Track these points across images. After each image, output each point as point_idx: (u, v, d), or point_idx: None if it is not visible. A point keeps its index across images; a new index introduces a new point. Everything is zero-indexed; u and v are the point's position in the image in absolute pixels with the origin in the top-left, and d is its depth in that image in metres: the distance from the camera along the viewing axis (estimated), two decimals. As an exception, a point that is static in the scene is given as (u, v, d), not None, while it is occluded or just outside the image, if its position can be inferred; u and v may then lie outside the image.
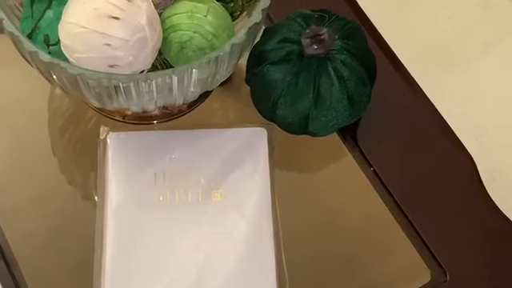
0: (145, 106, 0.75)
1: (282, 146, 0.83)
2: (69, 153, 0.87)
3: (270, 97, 0.80)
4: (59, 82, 0.73)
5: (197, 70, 0.70)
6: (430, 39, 1.52)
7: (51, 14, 0.72)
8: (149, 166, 0.80)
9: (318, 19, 0.80)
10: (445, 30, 1.54)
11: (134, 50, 0.69)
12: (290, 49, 0.79)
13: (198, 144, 0.82)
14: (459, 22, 1.56)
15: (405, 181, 0.84)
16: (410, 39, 1.44)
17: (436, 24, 1.55)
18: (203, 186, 0.79)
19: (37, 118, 0.87)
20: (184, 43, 0.72)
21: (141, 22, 0.68)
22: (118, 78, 0.69)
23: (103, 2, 0.67)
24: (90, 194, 0.82)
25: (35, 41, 0.72)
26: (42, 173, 0.85)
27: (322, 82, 0.78)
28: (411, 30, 1.50)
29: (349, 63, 0.78)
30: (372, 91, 0.82)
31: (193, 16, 0.72)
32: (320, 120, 0.79)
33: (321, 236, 0.81)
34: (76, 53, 0.69)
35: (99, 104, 0.75)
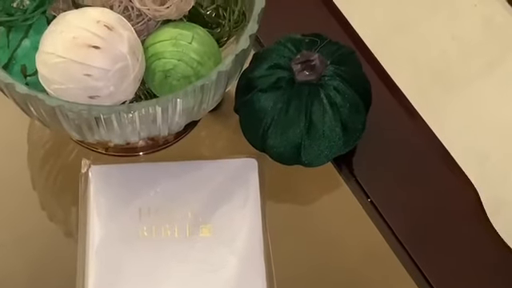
0: (127, 137, 0.75)
1: (273, 177, 0.84)
2: (49, 187, 0.87)
3: (260, 126, 0.80)
4: (37, 114, 0.73)
5: (182, 99, 0.71)
6: (430, 61, 1.53)
7: (28, 43, 0.72)
8: (133, 200, 0.80)
9: (309, 44, 0.81)
10: (446, 50, 1.55)
11: (115, 80, 0.69)
12: (280, 75, 0.79)
13: (185, 176, 0.82)
14: (461, 42, 1.57)
15: (404, 213, 0.84)
16: (409, 61, 1.45)
17: (436, 45, 1.56)
18: (190, 221, 0.79)
19: (15, 150, 0.88)
20: (168, 72, 0.73)
21: (122, 50, 0.69)
22: (99, 109, 0.69)
23: (82, 30, 0.68)
24: (71, 230, 0.82)
25: (11, 71, 0.72)
26: (21, 208, 0.85)
27: (314, 110, 0.78)
28: (410, 51, 1.51)
29: (342, 89, 0.79)
30: (367, 118, 0.82)
31: (177, 43, 0.72)
32: (313, 149, 0.80)
33: (316, 272, 0.81)
34: (54, 84, 0.69)
35: (79, 137, 0.76)
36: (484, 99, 1.50)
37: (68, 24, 0.69)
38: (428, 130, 0.90)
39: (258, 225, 0.80)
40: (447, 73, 1.53)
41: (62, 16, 0.70)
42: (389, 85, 0.91)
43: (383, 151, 0.87)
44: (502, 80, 1.53)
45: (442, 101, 1.46)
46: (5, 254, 0.81)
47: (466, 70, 1.53)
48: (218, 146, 0.90)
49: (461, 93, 1.50)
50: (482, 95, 1.51)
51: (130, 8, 0.75)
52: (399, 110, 0.91)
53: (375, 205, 0.84)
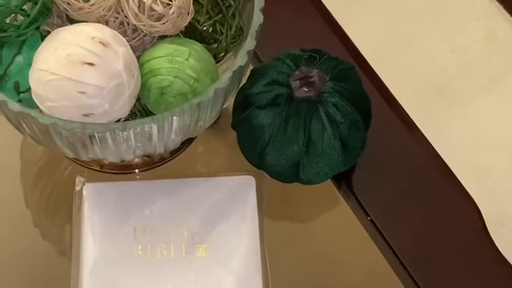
0: (122, 155, 0.76)
1: (271, 195, 0.84)
2: (42, 205, 0.87)
3: (258, 143, 0.80)
4: (30, 131, 0.73)
5: (178, 117, 0.71)
6: (431, 75, 1.54)
7: (21, 59, 0.72)
8: (128, 219, 0.80)
9: (308, 60, 0.82)
10: (446, 65, 1.56)
11: (110, 98, 0.69)
12: (279, 92, 0.79)
13: (181, 194, 0.82)
14: (462, 57, 1.57)
15: (404, 231, 0.84)
16: (409, 76, 1.46)
17: (438, 59, 1.57)
18: (186, 240, 0.80)
19: (7, 167, 0.88)
20: (164, 88, 0.73)
21: (117, 67, 0.69)
22: (93, 127, 0.69)
23: (76, 47, 0.68)
24: (64, 250, 0.82)
25: (4, 88, 0.72)
26: (13, 226, 0.85)
27: (313, 127, 0.78)
28: (410, 66, 1.52)
29: (341, 106, 0.79)
30: (367, 135, 0.82)
31: (173, 60, 0.73)
32: (312, 167, 0.80)
33: (315, 292, 0.81)
34: (48, 101, 0.69)
35: (73, 154, 0.76)
36: (485, 115, 1.51)
37: (62, 40, 0.69)
38: (429, 147, 0.90)
39: (255, 244, 0.80)
40: (448, 88, 1.53)
41: (56, 32, 0.70)
42: (389, 100, 0.92)
43: (383, 168, 0.87)
44: (505, 95, 1.54)
45: (443, 116, 1.47)
46: (-3, 274, 0.81)
47: (468, 85, 1.54)
48: (215, 162, 0.91)
49: (462, 108, 1.51)
50: (484, 111, 1.52)
51: (125, 23, 0.75)
52: (400, 126, 0.91)
53: (375, 223, 0.84)
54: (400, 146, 0.89)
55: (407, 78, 0.97)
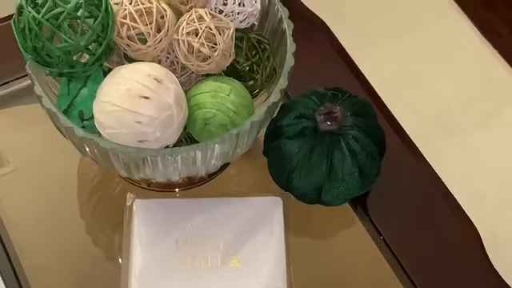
0: (169, 176, 0.77)
1: (296, 214, 0.84)
2: (95, 216, 0.88)
3: (286, 168, 0.81)
4: (91, 153, 0.74)
5: (219, 145, 0.72)
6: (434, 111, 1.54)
7: (86, 91, 0.73)
8: (171, 232, 0.80)
9: (332, 97, 0.82)
10: (448, 102, 1.56)
11: (162, 127, 0.70)
12: (305, 124, 0.80)
13: (218, 212, 0.82)
14: (461, 95, 1.57)
15: (412, 249, 0.84)
16: (415, 111, 1.46)
17: (439, 96, 1.57)
18: (222, 252, 0.80)
19: (67, 183, 0.88)
20: (207, 120, 0.74)
21: (169, 101, 0.70)
22: (147, 152, 0.70)
23: (135, 83, 0.69)
24: (114, 256, 0.83)
25: (70, 116, 0.73)
26: (70, 234, 0.85)
27: (335, 156, 0.79)
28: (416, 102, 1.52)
29: (360, 138, 0.79)
30: (381, 164, 0.83)
31: (216, 95, 0.73)
32: (333, 191, 0.80)
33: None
34: (108, 128, 0.71)
35: (127, 174, 0.77)
36: (481, 147, 1.51)
37: (123, 77, 0.70)
38: (433, 174, 0.90)
39: (282, 256, 0.80)
40: (449, 122, 1.53)
41: (118, 69, 0.72)
42: (400, 134, 0.92)
43: (394, 193, 0.87)
44: (498, 131, 1.54)
45: (444, 147, 1.47)
46: (53, 277, 0.81)
47: (466, 121, 1.54)
48: (247, 184, 0.91)
49: (461, 140, 1.51)
50: (480, 143, 1.51)
51: (175, 62, 0.77)
52: (409, 156, 0.91)
53: (387, 242, 0.84)
54: (409, 174, 0.89)
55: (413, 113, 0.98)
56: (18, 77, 0.93)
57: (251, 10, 0.79)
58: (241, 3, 0.78)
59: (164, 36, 0.73)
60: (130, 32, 0.72)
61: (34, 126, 0.91)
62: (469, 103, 1.56)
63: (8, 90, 0.93)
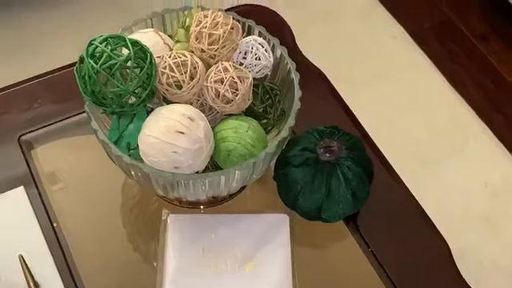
0: (198, 196, 0.77)
1: (300, 228, 0.83)
2: (136, 227, 0.87)
3: (292, 191, 0.81)
4: (135, 176, 0.75)
5: (239, 171, 0.72)
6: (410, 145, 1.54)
7: (132, 127, 0.74)
8: (198, 241, 0.80)
9: (330, 133, 0.83)
10: (420, 137, 1.56)
11: (193, 156, 0.71)
12: (309, 156, 0.80)
13: (236, 225, 0.82)
14: (432, 131, 1.58)
15: (396, 260, 0.83)
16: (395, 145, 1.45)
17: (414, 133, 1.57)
18: (239, 258, 0.79)
19: (112, 200, 0.88)
20: (230, 151, 0.74)
21: (199, 135, 0.71)
22: (181, 176, 0.71)
23: (173, 120, 0.70)
24: (151, 261, 0.82)
25: (119, 146, 0.74)
26: (115, 242, 0.85)
27: (333, 182, 0.79)
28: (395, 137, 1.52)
29: (353, 168, 0.79)
30: (370, 188, 0.83)
31: (237, 131, 0.74)
32: (330, 210, 0.80)
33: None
34: (150, 157, 0.71)
35: (163, 193, 0.77)
36: (449, 174, 1.50)
37: (163, 116, 0.71)
38: (412, 197, 0.89)
39: (288, 264, 0.79)
40: (423, 154, 1.53)
41: (159, 109, 0.72)
42: (384, 164, 0.92)
43: (380, 212, 0.87)
44: (463, 161, 1.53)
45: (419, 174, 1.47)
46: (99, 279, 0.81)
47: (437, 153, 1.54)
48: (260, 203, 0.90)
49: (433, 169, 1.51)
50: (448, 171, 1.51)
51: (204, 104, 0.77)
52: (391, 182, 0.91)
53: (374, 253, 0.83)
54: (392, 196, 0.89)
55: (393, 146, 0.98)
56: (76, 113, 0.94)
57: (266, 63, 0.80)
58: (257, 57, 0.79)
59: (196, 83, 0.74)
60: (169, 80, 0.73)
61: (88, 152, 0.92)
62: (438, 139, 1.56)
63: (68, 122, 0.94)
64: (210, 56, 0.76)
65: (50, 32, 1.67)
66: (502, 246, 1.40)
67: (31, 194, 0.86)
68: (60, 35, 1.66)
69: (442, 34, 1.72)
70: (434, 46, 1.70)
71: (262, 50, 0.79)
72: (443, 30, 1.73)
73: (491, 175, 1.50)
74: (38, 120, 0.93)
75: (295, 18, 1.06)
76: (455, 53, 1.68)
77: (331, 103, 0.97)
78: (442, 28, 1.73)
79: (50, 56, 1.53)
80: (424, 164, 1.50)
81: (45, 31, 1.67)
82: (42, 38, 1.66)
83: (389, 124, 1.54)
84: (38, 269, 0.79)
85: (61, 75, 0.98)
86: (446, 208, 1.42)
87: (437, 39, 1.71)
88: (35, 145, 0.92)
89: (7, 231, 0.81)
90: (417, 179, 1.33)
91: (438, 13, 1.76)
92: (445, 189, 1.47)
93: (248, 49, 0.79)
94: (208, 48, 0.75)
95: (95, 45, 0.70)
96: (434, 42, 1.70)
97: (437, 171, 1.50)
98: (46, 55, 1.60)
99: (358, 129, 0.95)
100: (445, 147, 1.54)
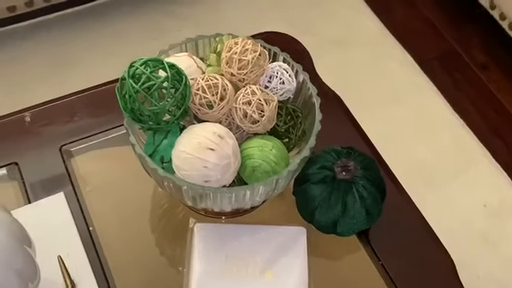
0: (223, 207, 0.77)
1: (316, 241, 0.83)
2: (164, 235, 0.87)
3: (310, 206, 0.81)
4: (167, 187, 0.75)
5: (263, 187, 0.72)
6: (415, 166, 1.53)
7: (166, 142, 0.74)
8: (222, 249, 0.80)
9: (346, 154, 0.82)
10: (426, 159, 1.55)
11: (222, 171, 0.71)
12: (326, 174, 0.80)
13: (257, 235, 0.82)
14: (435, 154, 1.57)
15: (405, 273, 0.82)
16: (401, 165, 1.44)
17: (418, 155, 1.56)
18: (259, 266, 0.79)
19: (142, 209, 0.89)
20: (255, 168, 0.74)
21: (228, 152, 0.71)
22: (210, 189, 0.71)
23: (204, 138, 0.70)
24: (177, 264, 0.82)
25: (154, 159, 0.74)
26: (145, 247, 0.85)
27: (348, 199, 0.79)
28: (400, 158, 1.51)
29: (367, 187, 0.79)
30: (382, 206, 0.82)
31: (262, 149, 0.74)
32: (345, 225, 0.80)
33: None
34: (182, 170, 0.71)
35: (192, 204, 0.77)
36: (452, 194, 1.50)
37: (195, 133, 0.71)
38: (419, 215, 0.88)
39: (305, 274, 0.79)
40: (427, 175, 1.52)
41: (191, 127, 0.73)
42: (395, 184, 0.91)
43: (390, 227, 0.86)
44: (465, 182, 1.52)
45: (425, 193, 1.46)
46: (129, 279, 0.81)
47: (440, 175, 1.53)
48: (279, 215, 0.89)
49: (437, 189, 1.50)
50: (451, 191, 1.50)
51: (232, 123, 0.77)
52: (401, 200, 0.90)
53: (384, 266, 0.83)
54: (401, 214, 0.88)
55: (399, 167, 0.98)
56: (112, 127, 0.95)
57: (289, 87, 0.80)
58: (282, 82, 0.80)
59: (226, 104, 0.74)
60: (201, 100, 0.74)
61: (122, 163, 0.92)
62: (442, 161, 1.56)
63: (104, 134, 0.94)
64: (239, 79, 0.77)
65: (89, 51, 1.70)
66: (498, 261, 1.39)
67: (70, 199, 0.86)
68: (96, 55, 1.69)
69: (447, 63, 1.72)
70: (439, 73, 1.70)
71: (287, 76, 0.79)
72: (448, 59, 1.73)
73: (490, 196, 1.48)
74: (78, 132, 0.94)
75: (309, 45, 1.06)
76: (459, 81, 1.68)
77: (347, 125, 0.97)
78: (446, 57, 1.73)
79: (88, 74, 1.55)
80: (428, 184, 1.49)
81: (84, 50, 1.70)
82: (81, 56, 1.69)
83: (396, 146, 1.54)
84: (74, 269, 0.79)
85: (99, 92, 0.99)
86: (447, 225, 1.41)
87: (442, 67, 1.71)
88: (75, 154, 0.93)
89: (48, 233, 0.81)
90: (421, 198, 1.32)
91: (443, 43, 1.76)
92: (447, 207, 1.46)
93: (273, 74, 0.79)
94: (237, 72, 0.76)
95: (136, 67, 0.71)
96: (439, 70, 1.70)
97: (440, 191, 1.49)
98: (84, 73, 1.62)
99: (371, 150, 0.94)
100: (447, 169, 1.53)
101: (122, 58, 0.79)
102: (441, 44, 1.76)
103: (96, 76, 1.05)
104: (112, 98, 0.74)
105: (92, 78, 1.04)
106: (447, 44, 1.76)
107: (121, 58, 1.02)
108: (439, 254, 0.85)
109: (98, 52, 1.68)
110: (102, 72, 1.12)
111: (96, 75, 1.08)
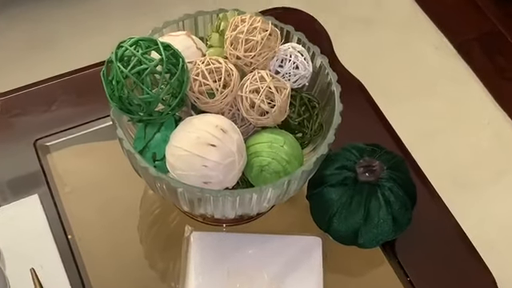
0: (226, 214, 0.77)
1: (333, 253, 0.83)
2: (155, 243, 0.87)
3: (327, 212, 0.80)
4: (160, 190, 0.75)
5: (272, 189, 0.72)
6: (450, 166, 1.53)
7: (159, 136, 0.73)
8: (223, 262, 0.80)
9: (370, 152, 0.82)
10: (462, 158, 1.55)
11: (225, 171, 0.71)
12: (346, 175, 0.80)
13: (265, 246, 0.82)
14: (474, 153, 1.56)
15: (436, 291, 0.82)
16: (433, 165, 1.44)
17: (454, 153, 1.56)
18: (267, 283, 0.79)
19: (130, 214, 0.88)
20: (263, 167, 0.74)
21: (232, 149, 0.71)
22: (210, 192, 0.71)
23: (204, 132, 0.70)
24: (169, 280, 0.82)
25: (144, 156, 0.74)
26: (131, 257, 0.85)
27: (372, 205, 0.79)
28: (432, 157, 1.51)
29: (395, 190, 0.79)
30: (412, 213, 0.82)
31: (272, 145, 0.74)
32: (368, 235, 0.80)
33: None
34: (178, 170, 0.71)
35: (189, 209, 0.77)
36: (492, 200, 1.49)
37: (194, 126, 0.71)
38: (455, 224, 0.88)
39: (320, 291, 0.79)
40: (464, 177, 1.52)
41: (189, 119, 0.72)
42: (427, 187, 0.91)
43: (421, 238, 0.86)
44: (508, 186, 1.52)
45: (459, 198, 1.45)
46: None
47: (479, 176, 1.52)
48: (288, 223, 0.90)
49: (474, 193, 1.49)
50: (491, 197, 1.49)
51: (236, 115, 0.77)
52: (434, 206, 0.90)
53: (413, 283, 0.82)
54: (433, 222, 0.88)
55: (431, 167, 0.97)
56: (96, 118, 0.94)
57: (304, 73, 0.80)
58: (295, 66, 0.79)
59: (229, 92, 0.74)
60: (201, 87, 0.74)
61: (107, 160, 0.92)
62: (481, 161, 1.55)
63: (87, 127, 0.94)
64: (246, 63, 0.76)
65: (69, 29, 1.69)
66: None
67: (46, 202, 0.86)
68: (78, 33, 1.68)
69: (489, 47, 1.71)
70: (480, 58, 1.69)
71: (301, 59, 0.79)
72: (490, 42, 1.72)
73: (538, 202, 1.48)
74: (56, 123, 0.94)
75: (328, 24, 1.06)
76: (503, 67, 1.67)
77: (371, 118, 0.97)
78: (489, 40, 1.72)
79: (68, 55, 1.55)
80: (463, 187, 1.49)
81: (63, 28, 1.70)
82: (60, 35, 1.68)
83: (428, 143, 1.53)
84: (49, 283, 0.79)
85: (81, 76, 0.99)
86: (487, 236, 1.41)
87: (483, 52, 1.70)
88: (52, 150, 0.92)
89: (20, 242, 0.81)
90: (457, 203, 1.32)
91: (485, 23, 1.75)
92: (487, 215, 1.46)
93: (286, 57, 0.79)
94: (244, 55, 0.75)
95: (125, 47, 0.70)
96: (479, 55, 1.69)
97: (477, 195, 1.48)
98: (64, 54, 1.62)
99: (400, 147, 0.94)
100: (487, 170, 1.53)
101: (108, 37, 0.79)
102: (482, 24, 1.75)
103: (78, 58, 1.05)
104: (96, 84, 0.74)
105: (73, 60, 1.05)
106: (489, 24, 1.75)
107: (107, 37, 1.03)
108: (478, 269, 0.85)
109: (80, 30, 1.68)
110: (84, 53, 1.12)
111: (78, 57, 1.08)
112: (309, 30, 0.85)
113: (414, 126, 1.57)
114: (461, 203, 1.44)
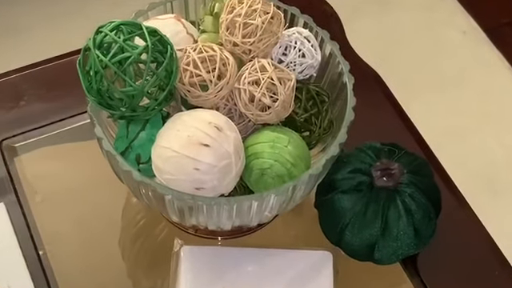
0: (221, 225, 0.77)
1: (345, 270, 0.83)
2: (139, 259, 0.88)
3: (339, 223, 0.81)
4: (145, 197, 0.75)
5: (276, 196, 0.72)
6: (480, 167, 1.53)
7: (144, 135, 0.74)
8: (218, 280, 0.80)
9: (388, 153, 0.82)
10: (495, 159, 1.55)
11: (220, 175, 0.71)
12: (361, 179, 0.80)
13: (266, 262, 0.82)
14: (508, 153, 1.57)
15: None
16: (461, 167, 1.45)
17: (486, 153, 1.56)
18: (269, 304, 0.79)
19: (112, 224, 0.89)
20: (264, 170, 0.74)
21: (228, 149, 0.71)
22: (203, 200, 0.71)
23: (196, 130, 0.70)
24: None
25: (127, 158, 0.74)
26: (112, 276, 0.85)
27: (390, 214, 0.79)
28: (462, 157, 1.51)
29: (416, 197, 0.79)
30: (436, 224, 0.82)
31: (274, 146, 0.74)
32: (386, 249, 0.80)
33: None
34: (166, 174, 0.71)
35: (179, 219, 0.77)
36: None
37: (183, 123, 0.71)
38: (488, 237, 0.89)
39: (330, 314, 0.79)
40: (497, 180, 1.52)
41: (179, 116, 0.73)
42: (455, 193, 0.92)
43: (446, 253, 0.86)
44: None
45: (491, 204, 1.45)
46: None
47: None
48: (294, 235, 0.90)
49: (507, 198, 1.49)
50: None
51: (233, 110, 0.78)
52: (462, 215, 0.90)
53: (438, 304, 0.83)
54: (462, 234, 0.89)
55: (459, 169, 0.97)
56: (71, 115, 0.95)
57: (311, 62, 0.80)
58: (301, 54, 0.80)
59: (225, 84, 0.74)
60: (192, 79, 0.74)
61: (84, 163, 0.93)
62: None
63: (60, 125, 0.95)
64: (244, 51, 0.77)
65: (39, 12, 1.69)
66: None
67: (13, 212, 0.87)
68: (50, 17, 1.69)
69: (525, 31, 1.72)
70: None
71: (308, 46, 0.80)
72: (526, 27, 1.72)
73: None
74: (24, 122, 0.94)
75: (339, 6, 1.06)
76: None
77: (389, 114, 0.98)
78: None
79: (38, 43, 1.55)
80: (496, 193, 1.49)
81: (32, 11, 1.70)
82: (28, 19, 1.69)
83: (455, 142, 1.54)
84: (18, 306, 0.80)
85: (54, 67, 0.99)
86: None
87: (517, 37, 1.71)
88: (20, 152, 0.93)
89: (-17, 258, 0.82)
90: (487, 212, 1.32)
91: (519, 5, 1.76)
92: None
93: (290, 43, 0.79)
94: (242, 41, 0.76)
95: (104, 33, 0.71)
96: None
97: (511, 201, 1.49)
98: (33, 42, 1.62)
99: (422, 148, 0.95)
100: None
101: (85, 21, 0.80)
102: (516, 5, 1.76)
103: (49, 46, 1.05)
104: (71, 75, 0.74)
105: (44, 48, 1.05)
106: (525, 5, 1.76)
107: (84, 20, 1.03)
108: None
109: (52, 13, 1.69)
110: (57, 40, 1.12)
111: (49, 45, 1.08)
112: (317, 13, 0.86)
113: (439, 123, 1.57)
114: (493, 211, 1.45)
